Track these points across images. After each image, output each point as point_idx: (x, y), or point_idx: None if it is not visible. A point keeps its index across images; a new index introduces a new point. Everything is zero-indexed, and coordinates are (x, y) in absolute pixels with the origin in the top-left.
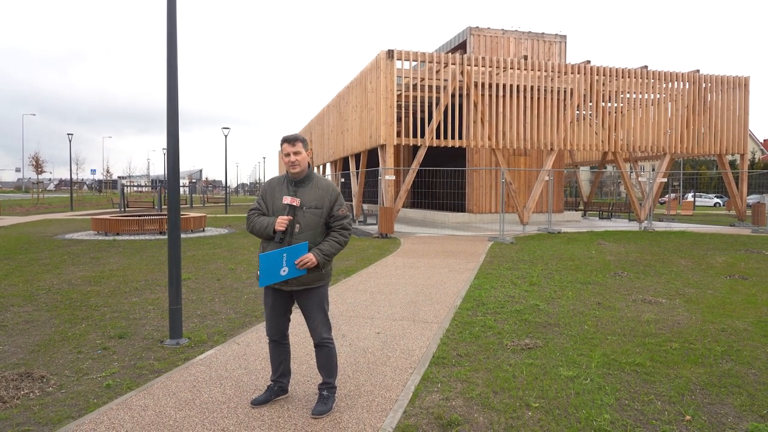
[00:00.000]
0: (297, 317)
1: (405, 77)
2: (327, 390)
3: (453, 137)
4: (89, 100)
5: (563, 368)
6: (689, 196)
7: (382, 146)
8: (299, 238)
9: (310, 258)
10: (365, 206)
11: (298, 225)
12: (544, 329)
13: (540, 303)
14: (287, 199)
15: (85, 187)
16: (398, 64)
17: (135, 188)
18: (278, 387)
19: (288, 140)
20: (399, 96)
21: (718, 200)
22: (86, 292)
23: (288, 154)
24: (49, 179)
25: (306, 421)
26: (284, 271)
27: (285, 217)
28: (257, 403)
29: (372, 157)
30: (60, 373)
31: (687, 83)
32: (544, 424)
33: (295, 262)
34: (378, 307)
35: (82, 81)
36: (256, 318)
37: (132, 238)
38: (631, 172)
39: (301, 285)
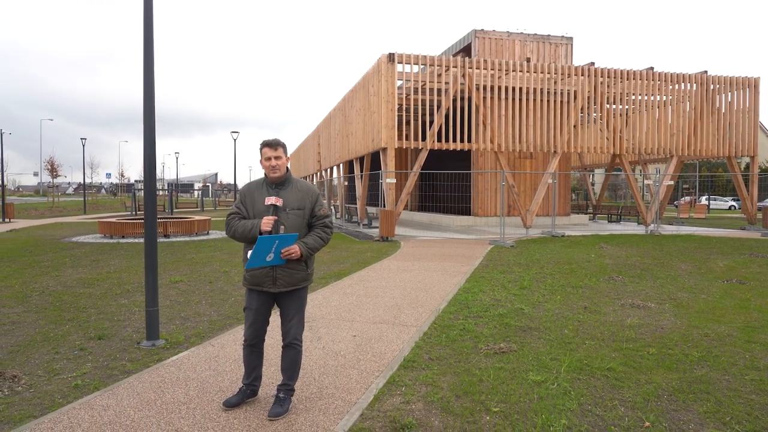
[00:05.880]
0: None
1: (407, 81)
2: (284, 392)
3: (455, 140)
4: (114, 103)
5: (532, 373)
6: (703, 200)
7: (384, 149)
8: None
9: (295, 249)
10: (370, 209)
11: (282, 227)
12: (522, 333)
13: (525, 307)
14: (271, 200)
15: (103, 190)
16: (399, 67)
17: None
18: (250, 390)
19: (269, 144)
20: (401, 99)
21: (733, 203)
22: (78, 294)
23: (269, 158)
24: (68, 183)
25: (261, 422)
26: (270, 257)
27: (271, 217)
28: (229, 405)
29: (375, 160)
30: (33, 373)
31: (694, 84)
32: (500, 429)
33: (282, 251)
34: (361, 310)
35: (108, 83)
36: (237, 320)
37: (136, 240)
38: (642, 175)
39: (290, 285)
